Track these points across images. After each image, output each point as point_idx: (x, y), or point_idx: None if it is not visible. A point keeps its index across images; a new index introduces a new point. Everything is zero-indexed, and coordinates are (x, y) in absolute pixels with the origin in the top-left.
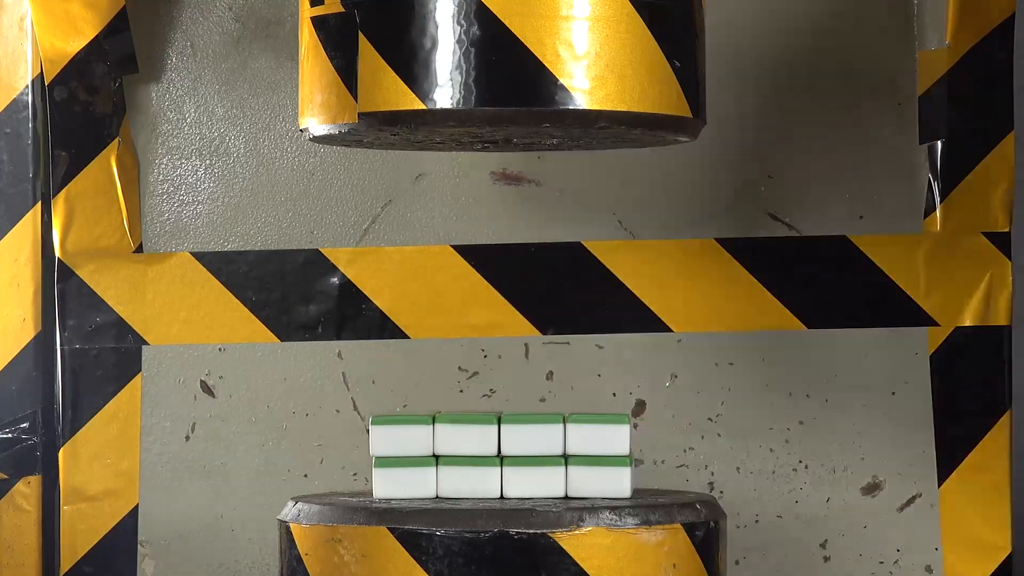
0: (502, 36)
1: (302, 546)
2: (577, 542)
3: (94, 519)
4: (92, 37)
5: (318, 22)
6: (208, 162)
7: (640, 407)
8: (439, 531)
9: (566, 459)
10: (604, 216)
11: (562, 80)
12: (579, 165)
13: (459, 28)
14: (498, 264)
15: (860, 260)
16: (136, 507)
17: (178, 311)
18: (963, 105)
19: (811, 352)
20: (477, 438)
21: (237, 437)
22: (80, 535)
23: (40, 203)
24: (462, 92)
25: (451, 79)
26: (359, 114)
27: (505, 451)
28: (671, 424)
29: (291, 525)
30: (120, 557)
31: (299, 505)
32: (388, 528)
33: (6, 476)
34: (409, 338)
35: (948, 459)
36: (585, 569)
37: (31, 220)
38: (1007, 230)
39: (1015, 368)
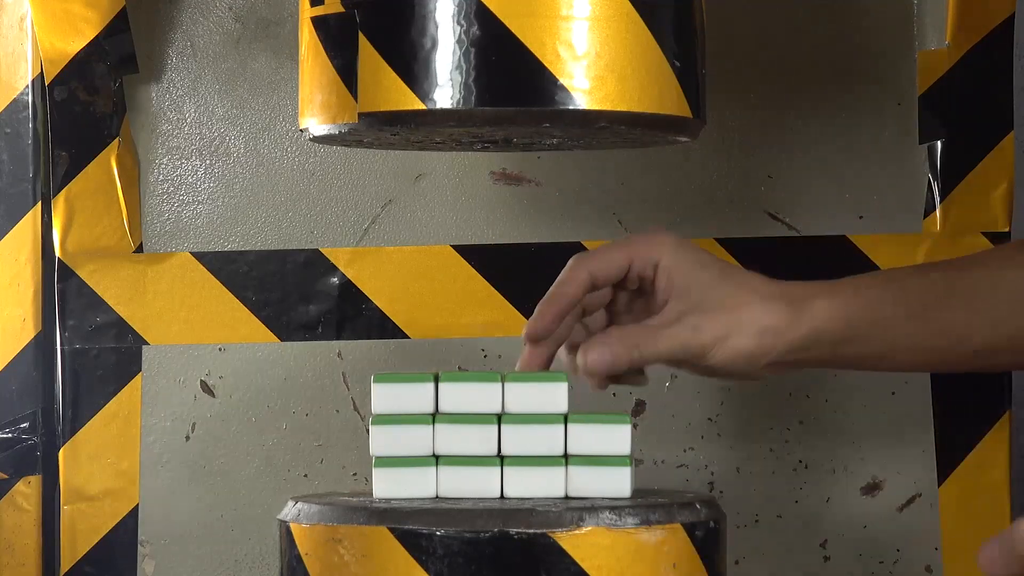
0: (502, 36)
1: (302, 546)
2: (577, 542)
3: (94, 519)
4: (92, 37)
5: (318, 22)
6: (208, 162)
7: (640, 407)
8: (439, 531)
9: (566, 459)
10: (604, 216)
11: (562, 80)
12: (579, 165)
13: (459, 28)
14: (498, 264)
15: (860, 260)
16: (136, 507)
17: (178, 311)
18: (963, 105)
19: None
20: (477, 438)
21: (237, 437)
22: (80, 535)
23: (40, 203)
24: (462, 92)
25: (451, 79)
26: (359, 114)
27: (505, 451)
28: (671, 424)
29: (291, 525)
30: (120, 557)
31: (299, 505)
32: (388, 528)
33: (6, 476)
34: (409, 338)
35: (948, 459)
36: (585, 569)
37: (31, 220)
38: (1007, 230)
39: None
